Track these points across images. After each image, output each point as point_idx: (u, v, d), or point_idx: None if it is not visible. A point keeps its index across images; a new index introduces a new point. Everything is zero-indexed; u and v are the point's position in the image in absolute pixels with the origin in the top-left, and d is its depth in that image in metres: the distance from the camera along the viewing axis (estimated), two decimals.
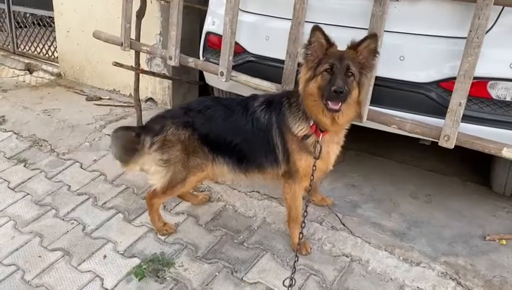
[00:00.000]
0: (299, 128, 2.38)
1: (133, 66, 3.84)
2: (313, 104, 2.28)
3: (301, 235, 2.36)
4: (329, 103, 2.19)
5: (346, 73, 2.19)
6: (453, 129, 2.33)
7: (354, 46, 2.24)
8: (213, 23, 3.28)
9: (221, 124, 2.53)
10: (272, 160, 2.48)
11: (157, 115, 2.72)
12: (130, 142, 2.61)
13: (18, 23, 6.52)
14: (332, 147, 2.45)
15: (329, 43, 2.25)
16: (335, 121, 2.30)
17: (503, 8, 2.30)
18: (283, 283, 2.19)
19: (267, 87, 2.85)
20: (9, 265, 2.64)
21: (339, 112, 2.23)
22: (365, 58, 2.25)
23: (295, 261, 2.22)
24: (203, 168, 2.59)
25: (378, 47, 2.28)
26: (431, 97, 2.51)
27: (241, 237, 2.74)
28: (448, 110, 2.33)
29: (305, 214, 2.35)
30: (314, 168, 2.35)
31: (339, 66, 2.18)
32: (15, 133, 4.10)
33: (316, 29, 2.25)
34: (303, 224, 2.35)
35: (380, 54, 2.30)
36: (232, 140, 2.51)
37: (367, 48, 2.24)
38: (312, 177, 2.37)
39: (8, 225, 2.96)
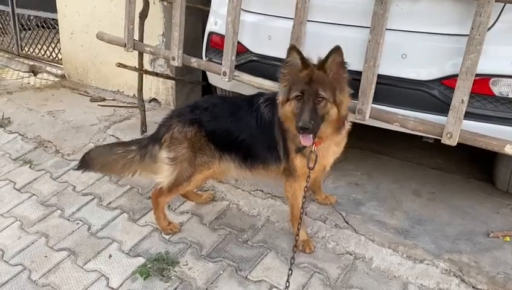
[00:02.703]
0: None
1: (137, 67, 3.86)
2: (293, 127, 2.22)
3: (297, 237, 2.34)
4: (300, 136, 2.17)
5: (316, 99, 2.13)
6: (456, 126, 2.33)
7: (321, 66, 2.15)
8: (215, 23, 3.29)
9: (227, 120, 2.55)
10: (276, 156, 2.50)
11: (164, 117, 2.73)
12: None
13: (22, 25, 6.55)
14: (330, 148, 2.44)
15: (305, 65, 2.17)
16: (320, 138, 2.27)
17: (504, 5, 2.30)
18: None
19: (270, 86, 2.86)
20: (16, 265, 2.67)
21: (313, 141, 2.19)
22: (336, 73, 2.16)
23: (291, 263, 2.19)
24: (209, 165, 2.61)
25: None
26: (433, 95, 2.51)
27: (245, 235, 2.75)
28: (450, 107, 2.33)
29: (303, 216, 2.31)
30: (308, 179, 2.32)
31: (308, 93, 2.13)
32: (20, 135, 4.13)
33: (293, 48, 2.20)
34: (299, 225, 2.32)
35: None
36: (238, 136, 2.52)
37: (333, 62, 2.14)
38: (307, 184, 2.34)
39: (15, 226, 2.99)
